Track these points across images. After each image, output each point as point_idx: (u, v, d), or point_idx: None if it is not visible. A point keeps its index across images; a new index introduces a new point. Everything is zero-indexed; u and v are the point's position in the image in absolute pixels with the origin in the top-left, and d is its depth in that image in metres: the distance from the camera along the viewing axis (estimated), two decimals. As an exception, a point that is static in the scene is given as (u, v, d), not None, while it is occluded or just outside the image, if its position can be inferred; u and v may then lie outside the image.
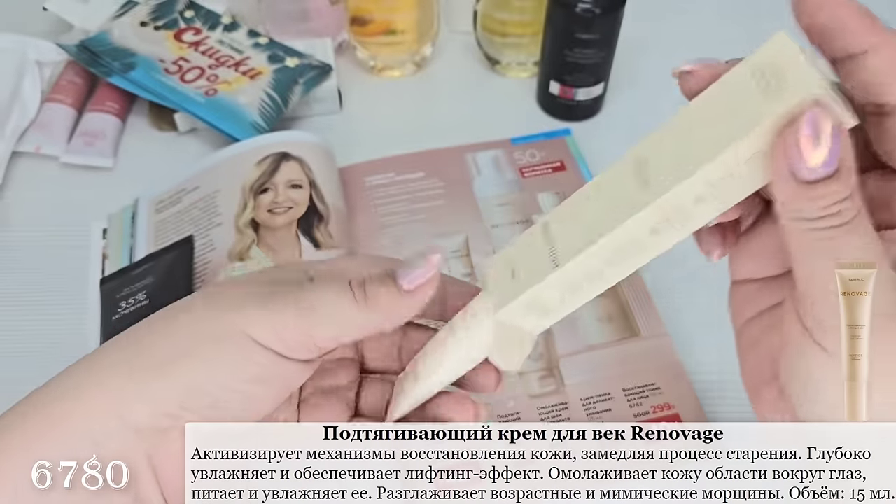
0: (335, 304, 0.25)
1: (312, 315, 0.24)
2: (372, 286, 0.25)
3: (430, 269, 0.25)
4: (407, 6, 0.55)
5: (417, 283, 0.25)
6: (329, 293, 0.25)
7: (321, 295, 0.25)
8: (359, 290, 0.25)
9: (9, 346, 0.43)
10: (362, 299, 0.25)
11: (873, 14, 0.21)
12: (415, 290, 0.25)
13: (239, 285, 0.26)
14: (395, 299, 0.25)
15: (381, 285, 0.25)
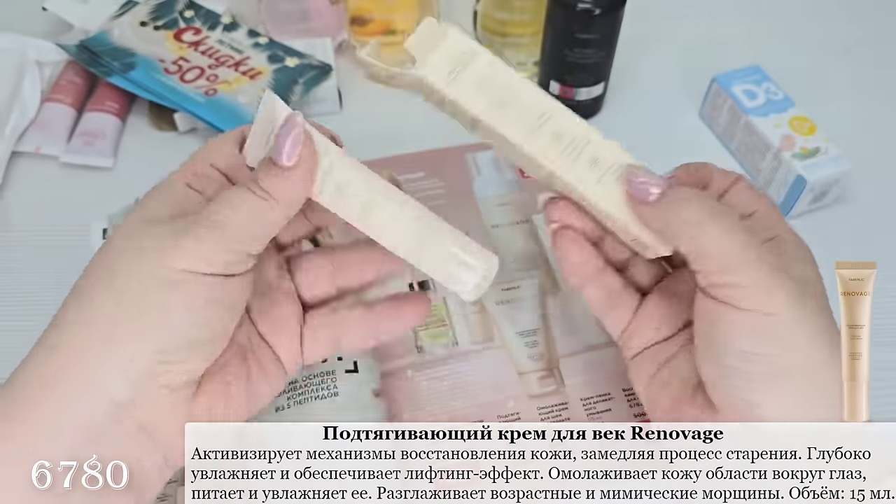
0: (242, 210, 0.26)
1: (228, 228, 0.26)
2: (262, 178, 0.26)
3: (291, 128, 0.26)
4: (407, 6, 0.55)
5: (291, 150, 0.26)
6: (233, 202, 0.26)
7: (226, 208, 0.26)
8: (254, 186, 0.26)
9: (9, 345, 0.43)
10: (262, 194, 0.26)
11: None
12: (294, 161, 0.26)
13: (148, 228, 0.26)
14: (286, 180, 0.26)
15: (268, 173, 0.26)
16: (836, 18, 0.65)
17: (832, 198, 0.50)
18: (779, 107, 0.51)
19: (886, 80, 0.60)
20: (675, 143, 0.55)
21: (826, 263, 0.29)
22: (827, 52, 0.61)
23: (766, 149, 0.50)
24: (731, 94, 0.52)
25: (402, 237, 0.28)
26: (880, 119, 0.56)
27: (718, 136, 0.55)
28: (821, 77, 0.59)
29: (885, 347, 0.42)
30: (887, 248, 0.48)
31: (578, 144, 0.29)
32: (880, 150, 0.54)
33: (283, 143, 0.26)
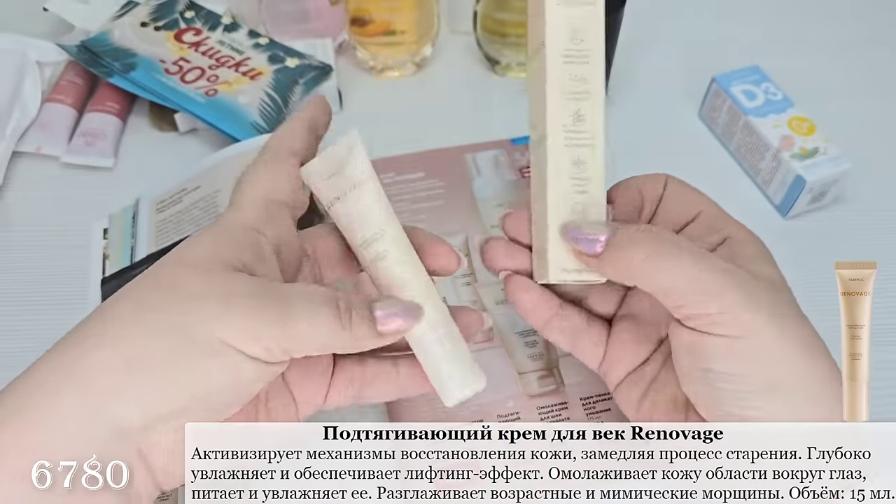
0: (319, 322, 0.25)
1: (295, 329, 0.25)
2: (355, 319, 0.26)
3: (408, 322, 0.27)
4: (407, 6, 0.55)
5: (391, 329, 0.27)
6: (315, 315, 0.25)
7: (306, 314, 0.25)
8: (346, 317, 0.26)
9: (9, 346, 0.43)
10: (348, 327, 0.26)
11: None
12: (387, 332, 0.27)
13: (217, 283, 0.25)
14: (370, 335, 0.27)
15: (362, 320, 0.26)
16: (835, 18, 0.65)
17: (831, 198, 0.50)
18: (778, 107, 0.51)
19: (886, 80, 0.60)
20: (674, 143, 0.55)
21: (825, 263, 0.29)
22: (826, 52, 0.62)
23: (766, 149, 0.50)
24: (731, 95, 0.52)
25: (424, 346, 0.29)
26: (879, 119, 0.56)
27: (718, 136, 0.55)
28: (820, 77, 0.59)
29: (885, 347, 0.42)
30: (887, 248, 0.48)
31: None
32: (879, 150, 0.54)
33: (392, 315, 0.27)
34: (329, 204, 0.29)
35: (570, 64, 0.30)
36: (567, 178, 0.30)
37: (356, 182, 0.29)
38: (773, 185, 0.50)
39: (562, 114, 0.30)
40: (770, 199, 0.51)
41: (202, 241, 0.27)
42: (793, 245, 0.48)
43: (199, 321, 0.24)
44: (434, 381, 0.29)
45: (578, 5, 0.30)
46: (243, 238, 0.27)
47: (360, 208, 0.29)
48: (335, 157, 0.29)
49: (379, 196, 0.29)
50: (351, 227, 0.29)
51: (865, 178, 0.51)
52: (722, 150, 0.54)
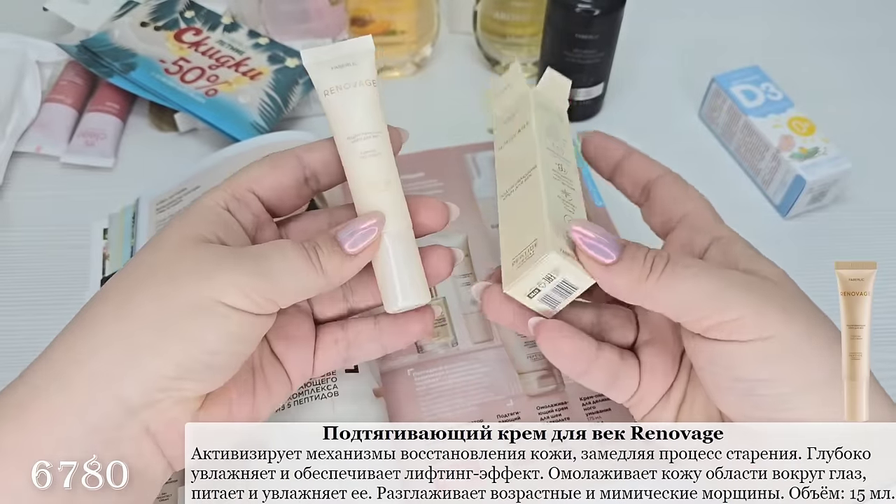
0: (293, 270, 0.27)
1: (274, 277, 0.27)
2: (323, 254, 0.28)
3: (369, 232, 0.28)
4: (407, 6, 0.55)
5: (360, 247, 0.28)
6: (285, 259, 0.27)
7: (278, 261, 0.27)
8: (313, 256, 0.28)
9: (9, 346, 0.43)
10: (318, 265, 0.27)
11: (620, 140, 0.35)
12: (358, 252, 0.28)
13: (190, 248, 0.27)
14: (342, 263, 0.28)
15: (331, 252, 0.28)
16: (835, 19, 0.65)
17: (831, 198, 0.50)
18: (778, 107, 0.51)
19: (886, 80, 0.60)
20: (674, 143, 0.55)
21: (826, 263, 0.29)
22: (826, 52, 0.62)
23: (765, 149, 0.50)
24: (731, 95, 0.52)
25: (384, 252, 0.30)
26: (879, 119, 0.56)
27: (717, 136, 0.55)
28: (820, 77, 0.59)
29: (885, 347, 0.42)
30: (887, 248, 0.48)
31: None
32: (879, 150, 0.54)
33: (355, 232, 0.28)
34: (326, 91, 0.30)
35: (551, 151, 0.34)
36: (557, 196, 0.31)
37: (364, 80, 0.30)
38: (773, 185, 0.50)
39: (549, 162, 0.32)
40: (770, 199, 0.51)
41: (176, 223, 0.29)
42: (793, 245, 0.48)
43: (187, 287, 0.25)
44: (381, 286, 0.30)
45: (552, 114, 0.37)
46: (214, 217, 0.29)
47: (362, 103, 0.30)
48: (346, 51, 0.31)
49: (380, 103, 0.30)
50: (347, 118, 0.30)
51: (865, 178, 0.51)
52: (722, 150, 0.54)
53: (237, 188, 0.30)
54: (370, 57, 0.31)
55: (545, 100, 0.37)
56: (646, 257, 0.27)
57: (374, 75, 0.31)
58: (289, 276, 0.27)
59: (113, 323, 0.26)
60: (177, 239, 0.27)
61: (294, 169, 0.31)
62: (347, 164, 0.30)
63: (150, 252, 0.28)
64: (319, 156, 0.31)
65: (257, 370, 0.30)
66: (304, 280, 0.27)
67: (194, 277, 0.26)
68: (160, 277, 0.26)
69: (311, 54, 0.31)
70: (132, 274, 0.27)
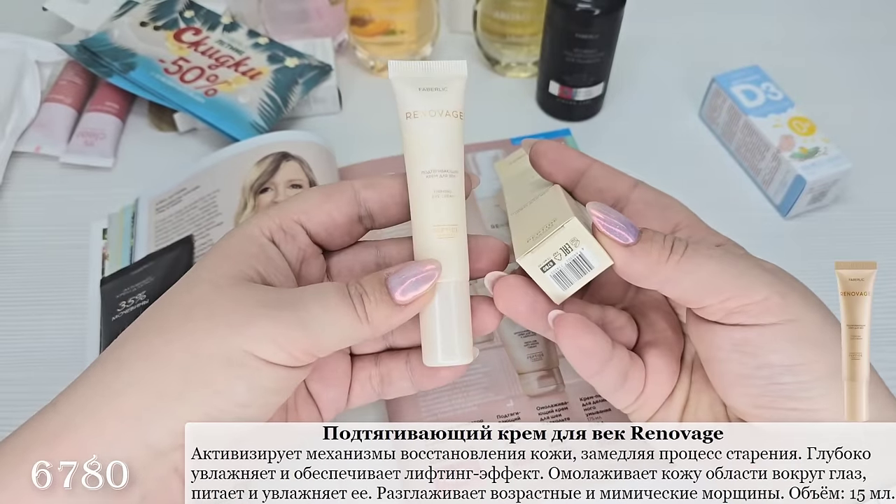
0: (335, 321, 0.25)
1: (314, 330, 0.25)
2: (370, 302, 0.26)
3: (424, 280, 0.26)
4: (407, 6, 0.55)
5: (411, 296, 0.26)
6: (327, 309, 0.25)
7: (319, 311, 0.25)
8: (359, 305, 0.25)
9: (9, 346, 0.43)
10: (363, 315, 0.25)
11: (576, 150, 0.32)
12: (408, 303, 0.26)
13: (227, 289, 0.25)
14: (390, 313, 0.26)
15: (378, 301, 0.26)
16: (835, 18, 0.65)
17: (831, 198, 0.50)
18: (778, 107, 0.51)
19: (886, 80, 0.60)
20: (674, 143, 0.55)
21: (826, 263, 0.29)
22: (826, 52, 0.62)
23: (766, 149, 0.50)
24: (731, 95, 0.52)
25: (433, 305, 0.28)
26: (880, 119, 0.56)
27: (718, 136, 0.55)
28: (820, 77, 0.59)
29: (886, 347, 0.42)
30: (887, 248, 0.48)
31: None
32: (880, 150, 0.54)
33: (408, 279, 0.26)
34: (409, 114, 0.28)
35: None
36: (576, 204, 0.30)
37: (450, 110, 0.28)
38: (773, 185, 0.50)
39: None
40: (770, 199, 0.51)
41: (216, 255, 0.27)
42: (793, 245, 0.48)
43: (222, 336, 0.24)
44: (424, 337, 0.28)
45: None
46: (256, 249, 0.27)
47: (445, 136, 0.28)
48: (436, 74, 0.29)
49: (462, 137, 0.28)
50: (426, 150, 0.28)
51: (866, 178, 0.51)
52: (722, 150, 0.54)
53: (285, 219, 0.28)
54: (461, 84, 0.29)
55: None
56: (665, 240, 0.26)
57: (462, 106, 0.28)
58: (330, 328, 0.25)
59: (141, 364, 0.25)
60: (214, 276, 0.26)
61: (349, 205, 0.29)
62: (415, 200, 0.28)
63: (186, 289, 0.26)
64: (379, 196, 0.29)
65: (290, 409, 0.30)
66: (347, 332, 0.26)
67: (228, 325, 0.24)
68: (194, 321, 0.25)
69: (399, 68, 0.28)
70: (165, 314, 0.26)
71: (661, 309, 0.32)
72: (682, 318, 0.32)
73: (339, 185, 0.29)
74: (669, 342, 0.31)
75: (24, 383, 0.41)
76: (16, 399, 0.40)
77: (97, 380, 0.25)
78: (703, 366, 0.29)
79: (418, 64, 0.29)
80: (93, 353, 0.42)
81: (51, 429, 0.25)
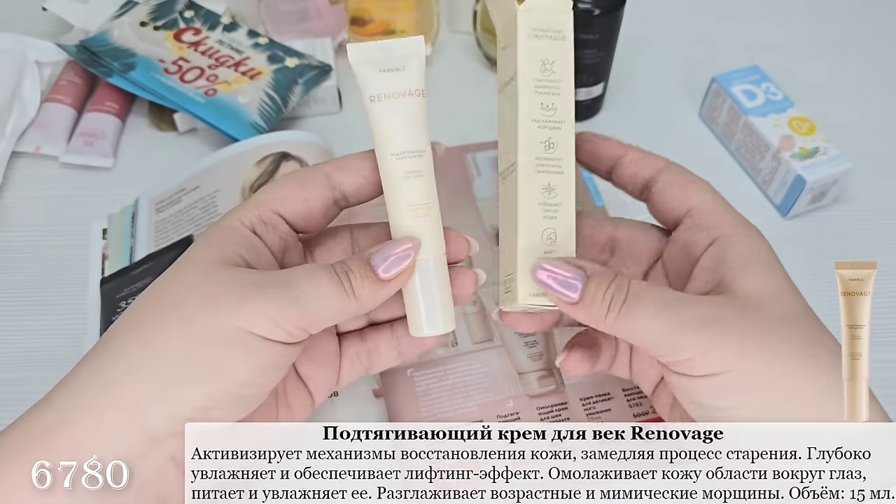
0: (325, 296, 0.26)
1: (306, 306, 0.26)
2: (356, 279, 0.27)
3: (404, 257, 0.27)
4: (407, 6, 0.55)
5: (394, 272, 0.27)
6: (317, 286, 0.26)
7: (309, 287, 0.26)
8: (346, 282, 0.27)
9: (8, 346, 0.43)
10: (350, 291, 0.27)
11: (613, 138, 0.33)
12: (391, 278, 0.27)
13: (216, 272, 0.26)
14: (375, 288, 0.27)
15: (363, 278, 0.27)
16: (835, 18, 0.65)
17: (831, 198, 0.50)
18: (778, 107, 0.51)
19: (886, 80, 0.60)
20: (674, 143, 0.54)
21: (826, 263, 0.29)
22: (826, 52, 0.62)
23: (766, 149, 0.50)
24: (731, 95, 0.52)
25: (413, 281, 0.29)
26: (880, 119, 0.56)
27: (718, 136, 0.55)
28: (820, 77, 0.59)
29: (885, 347, 0.42)
30: (887, 248, 0.48)
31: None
32: (880, 150, 0.54)
33: (389, 257, 0.27)
34: (373, 97, 0.28)
35: (541, 94, 0.30)
36: (538, 203, 0.29)
37: (412, 90, 0.28)
38: (773, 185, 0.50)
39: (533, 141, 0.30)
40: (770, 199, 0.51)
41: (200, 245, 0.28)
42: (793, 245, 0.48)
43: (218, 317, 0.25)
44: (408, 310, 0.29)
45: (549, 38, 0.30)
46: (239, 238, 0.28)
47: (411, 117, 0.28)
48: (394, 52, 0.29)
49: (426, 114, 0.28)
50: (393, 133, 0.28)
51: (866, 178, 0.51)
52: (722, 150, 0.54)
53: (264, 210, 0.29)
54: (420, 61, 0.29)
55: (539, 18, 0.30)
56: (604, 295, 0.27)
57: (423, 83, 0.29)
58: (321, 303, 0.26)
59: (139, 352, 0.25)
60: (202, 262, 0.27)
61: (324, 190, 0.30)
62: (388, 181, 0.29)
63: (175, 277, 0.27)
64: (352, 179, 0.30)
65: (280, 392, 0.30)
66: (337, 306, 0.27)
67: (222, 306, 0.25)
68: (188, 305, 0.25)
69: (359, 50, 0.28)
70: (158, 300, 0.26)
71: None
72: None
73: (311, 172, 0.30)
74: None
75: (24, 383, 0.41)
76: (16, 399, 0.39)
77: (93, 370, 0.25)
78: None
79: (376, 44, 0.28)
80: (93, 353, 0.42)
81: (45, 424, 0.25)
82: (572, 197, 0.30)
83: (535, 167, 0.29)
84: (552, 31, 0.30)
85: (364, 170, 0.30)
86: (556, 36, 0.31)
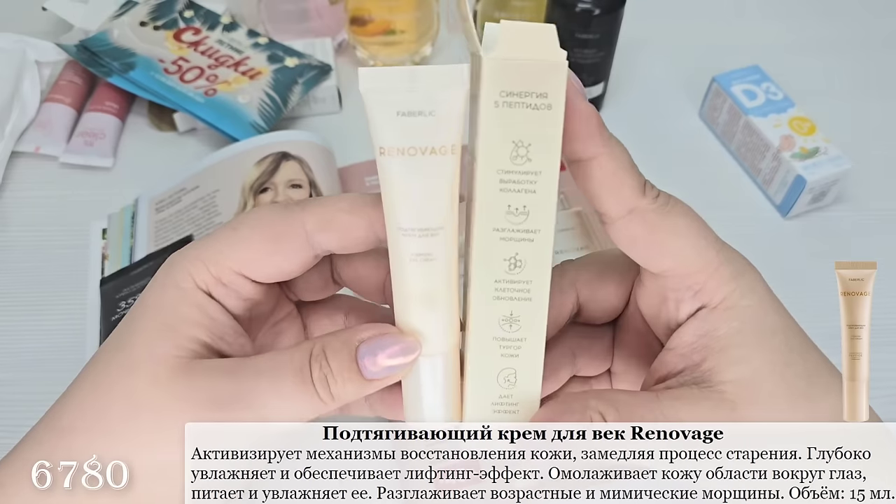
0: (292, 410, 0.23)
1: (269, 418, 0.24)
2: (335, 384, 0.23)
3: (398, 356, 0.23)
4: (407, 6, 0.55)
5: (384, 377, 0.23)
6: (284, 398, 0.23)
7: (276, 402, 0.23)
8: (322, 389, 0.23)
9: (8, 346, 0.43)
10: (327, 398, 0.23)
11: (600, 119, 0.21)
12: (381, 379, 0.23)
13: (178, 398, 0.23)
14: (358, 390, 0.23)
15: (346, 381, 0.23)
16: (836, 18, 0.65)
17: (832, 198, 0.50)
18: (778, 107, 0.51)
19: (886, 80, 0.60)
20: (674, 143, 0.55)
21: (826, 263, 0.29)
22: (826, 52, 0.62)
23: (766, 149, 0.50)
24: (731, 95, 0.52)
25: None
26: (880, 119, 0.56)
27: (718, 136, 0.55)
28: (821, 77, 0.59)
29: (885, 347, 0.42)
30: (887, 248, 0.48)
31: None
32: (880, 150, 0.54)
33: (379, 353, 0.22)
34: (383, 150, 0.20)
35: (508, 192, 0.21)
36: (492, 339, 0.23)
37: (440, 145, 0.20)
38: (773, 185, 0.50)
39: (492, 258, 0.22)
40: (770, 199, 0.51)
41: (152, 325, 0.23)
42: (793, 245, 0.48)
43: (170, 449, 0.24)
44: (405, 397, 0.25)
45: (526, 107, 0.20)
46: (194, 312, 0.23)
47: (430, 184, 0.20)
48: (422, 85, 0.20)
49: (456, 177, 0.21)
50: (402, 201, 0.21)
51: (866, 178, 0.51)
52: (722, 150, 0.54)
53: (223, 271, 0.23)
54: (458, 103, 0.20)
55: (514, 75, 0.20)
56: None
57: (459, 136, 0.20)
58: (285, 409, 0.23)
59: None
60: (154, 363, 0.23)
61: (301, 252, 0.23)
62: (393, 257, 0.22)
63: (124, 373, 0.23)
64: (339, 241, 0.23)
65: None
66: (308, 410, 0.23)
67: (174, 438, 0.23)
68: (137, 423, 0.23)
69: (373, 77, 0.20)
70: (108, 404, 0.23)
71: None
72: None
73: (286, 226, 0.23)
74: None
75: (24, 383, 0.41)
76: (16, 399, 0.40)
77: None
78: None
79: (399, 71, 0.20)
80: (92, 352, 0.42)
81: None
82: (542, 329, 0.23)
83: (493, 292, 0.22)
84: (533, 96, 0.20)
85: (356, 229, 0.23)
86: (538, 104, 0.20)
